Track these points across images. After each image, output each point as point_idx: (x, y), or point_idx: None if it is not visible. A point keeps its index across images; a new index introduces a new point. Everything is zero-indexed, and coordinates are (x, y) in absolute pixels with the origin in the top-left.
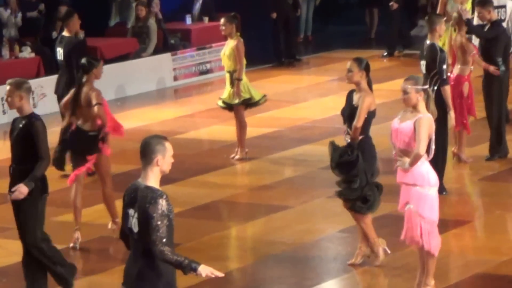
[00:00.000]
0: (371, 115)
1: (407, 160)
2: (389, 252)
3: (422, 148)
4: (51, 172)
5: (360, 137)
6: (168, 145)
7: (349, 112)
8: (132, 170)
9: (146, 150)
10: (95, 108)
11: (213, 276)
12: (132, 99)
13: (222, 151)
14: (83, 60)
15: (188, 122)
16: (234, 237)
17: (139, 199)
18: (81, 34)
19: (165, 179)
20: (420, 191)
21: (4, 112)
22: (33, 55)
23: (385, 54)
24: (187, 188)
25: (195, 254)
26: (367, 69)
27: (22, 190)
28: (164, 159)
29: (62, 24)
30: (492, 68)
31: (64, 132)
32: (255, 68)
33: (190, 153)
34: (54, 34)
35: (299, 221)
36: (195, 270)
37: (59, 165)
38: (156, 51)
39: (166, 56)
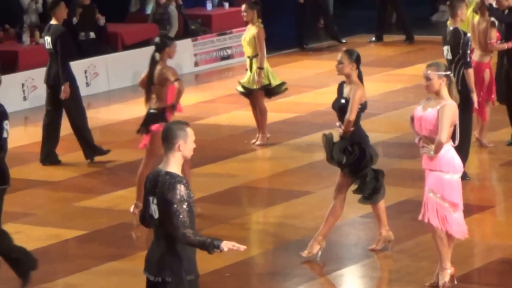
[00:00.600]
0: (362, 107)
1: (432, 147)
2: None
3: (444, 136)
4: (76, 157)
5: (351, 129)
6: (189, 130)
7: (339, 105)
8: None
9: (168, 135)
10: (176, 84)
11: (235, 248)
12: None
13: (242, 136)
14: (157, 39)
15: (209, 107)
16: (254, 223)
17: (159, 185)
18: (102, 21)
19: None
20: (443, 176)
21: (24, 98)
22: None
23: (405, 40)
24: (207, 174)
25: None
26: (358, 61)
27: None
28: (186, 144)
29: (49, 13)
30: None
31: None
32: (277, 53)
33: (210, 139)
34: (75, 20)
35: (320, 207)
36: (218, 247)
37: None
38: (177, 37)
39: (187, 42)
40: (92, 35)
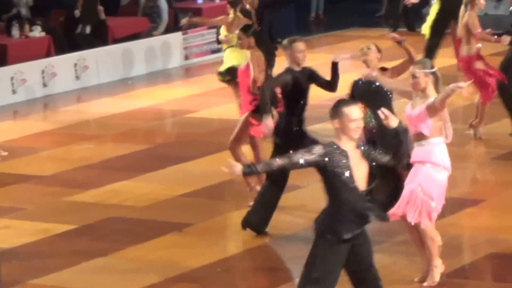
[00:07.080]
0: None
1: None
2: None
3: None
4: (65, 152)
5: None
6: None
7: None
8: (142, 150)
9: None
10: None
11: None
12: (143, 78)
13: (234, 130)
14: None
15: (199, 101)
16: None
17: None
18: (103, 14)
19: (175, 158)
20: (430, 170)
21: (13, 92)
22: (43, 34)
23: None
24: (198, 167)
25: (208, 234)
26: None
27: None
28: None
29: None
30: (504, 38)
31: None
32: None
33: (201, 132)
34: (77, 12)
35: (312, 201)
36: None
37: None
38: (167, 30)
39: (177, 35)
40: (88, 30)
